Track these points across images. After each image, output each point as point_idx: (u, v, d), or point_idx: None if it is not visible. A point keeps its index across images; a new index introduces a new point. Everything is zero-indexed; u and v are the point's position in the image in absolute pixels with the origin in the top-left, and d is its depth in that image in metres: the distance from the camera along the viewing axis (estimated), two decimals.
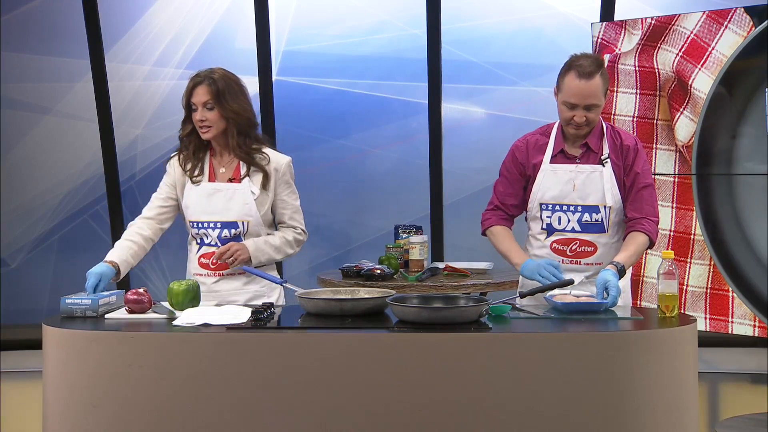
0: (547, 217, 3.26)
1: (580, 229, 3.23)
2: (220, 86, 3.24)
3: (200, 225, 3.31)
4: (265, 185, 3.31)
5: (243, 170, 3.31)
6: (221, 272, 3.30)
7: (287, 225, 3.38)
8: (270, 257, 3.32)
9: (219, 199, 3.29)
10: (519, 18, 5.34)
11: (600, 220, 3.20)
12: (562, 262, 3.23)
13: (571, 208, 3.23)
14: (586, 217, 3.21)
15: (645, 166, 3.24)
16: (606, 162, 3.21)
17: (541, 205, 3.26)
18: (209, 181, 3.32)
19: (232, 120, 3.26)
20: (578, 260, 3.22)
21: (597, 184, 3.20)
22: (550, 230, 3.26)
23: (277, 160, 3.35)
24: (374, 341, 2.62)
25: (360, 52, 5.41)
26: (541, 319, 2.82)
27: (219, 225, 3.29)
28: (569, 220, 3.23)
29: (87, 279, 3.08)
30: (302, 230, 3.40)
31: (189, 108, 3.30)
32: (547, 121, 3.37)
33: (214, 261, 3.26)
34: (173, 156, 3.40)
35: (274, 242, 3.32)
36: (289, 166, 3.37)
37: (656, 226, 3.22)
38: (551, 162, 3.26)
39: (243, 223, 3.28)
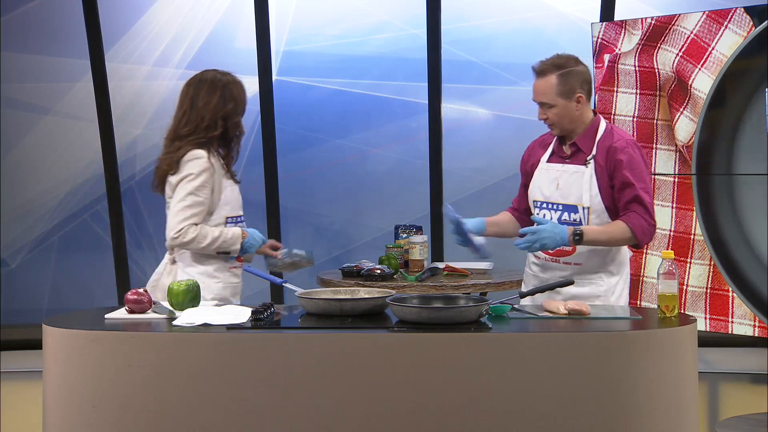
0: (537, 214, 3.29)
1: None
2: None
3: (237, 220, 3.40)
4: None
5: None
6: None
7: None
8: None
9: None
10: (519, 18, 5.33)
11: (578, 220, 3.20)
12: (544, 260, 3.27)
13: (554, 207, 3.25)
14: (565, 216, 3.22)
15: (636, 169, 3.14)
16: (589, 163, 3.20)
17: (534, 202, 3.32)
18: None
19: None
20: (557, 258, 3.24)
21: (578, 184, 3.21)
22: None
23: None
24: (374, 341, 2.62)
25: (360, 52, 5.40)
26: (541, 319, 2.83)
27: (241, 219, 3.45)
28: (551, 218, 3.24)
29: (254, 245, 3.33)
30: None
31: None
32: None
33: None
34: (206, 155, 3.30)
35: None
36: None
37: (644, 223, 3.11)
38: (548, 161, 3.30)
39: None
